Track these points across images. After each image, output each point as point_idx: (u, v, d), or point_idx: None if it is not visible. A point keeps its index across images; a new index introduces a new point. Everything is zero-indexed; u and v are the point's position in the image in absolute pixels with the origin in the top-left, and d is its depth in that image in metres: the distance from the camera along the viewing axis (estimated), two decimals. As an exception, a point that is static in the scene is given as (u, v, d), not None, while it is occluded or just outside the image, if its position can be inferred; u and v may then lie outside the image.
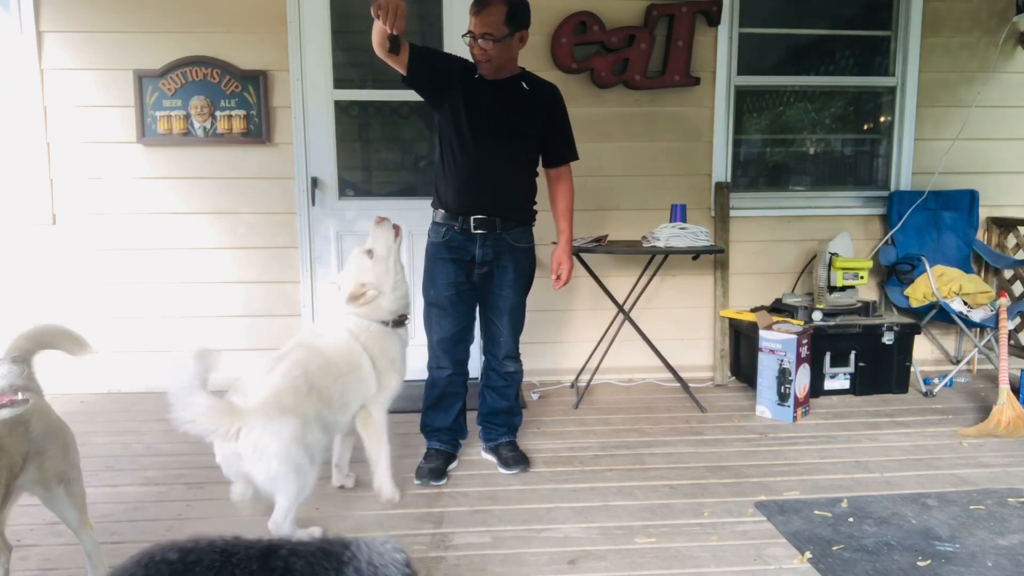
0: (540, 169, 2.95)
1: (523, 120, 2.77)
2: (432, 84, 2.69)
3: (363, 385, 2.54)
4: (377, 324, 2.60)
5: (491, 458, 2.99)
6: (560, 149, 2.90)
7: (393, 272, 2.63)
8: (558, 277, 2.93)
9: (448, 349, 2.85)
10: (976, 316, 3.90)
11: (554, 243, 3.98)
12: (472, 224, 2.75)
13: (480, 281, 2.84)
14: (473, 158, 2.73)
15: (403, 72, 2.64)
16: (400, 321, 2.67)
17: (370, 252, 2.62)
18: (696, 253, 3.71)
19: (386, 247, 2.63)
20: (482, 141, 2.72)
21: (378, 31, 2.53)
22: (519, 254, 2.86)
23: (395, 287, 2.63)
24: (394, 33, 2.43)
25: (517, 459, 2.92)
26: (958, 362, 4.21)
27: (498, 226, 2.78)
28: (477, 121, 2.71)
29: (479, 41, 2.61)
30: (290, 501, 2.19)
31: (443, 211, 2.80)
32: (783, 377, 3.50)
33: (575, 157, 2.96)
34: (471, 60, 2.73)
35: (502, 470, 2.91)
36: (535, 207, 2.94)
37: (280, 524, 2.19)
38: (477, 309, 2.93)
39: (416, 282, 4.03)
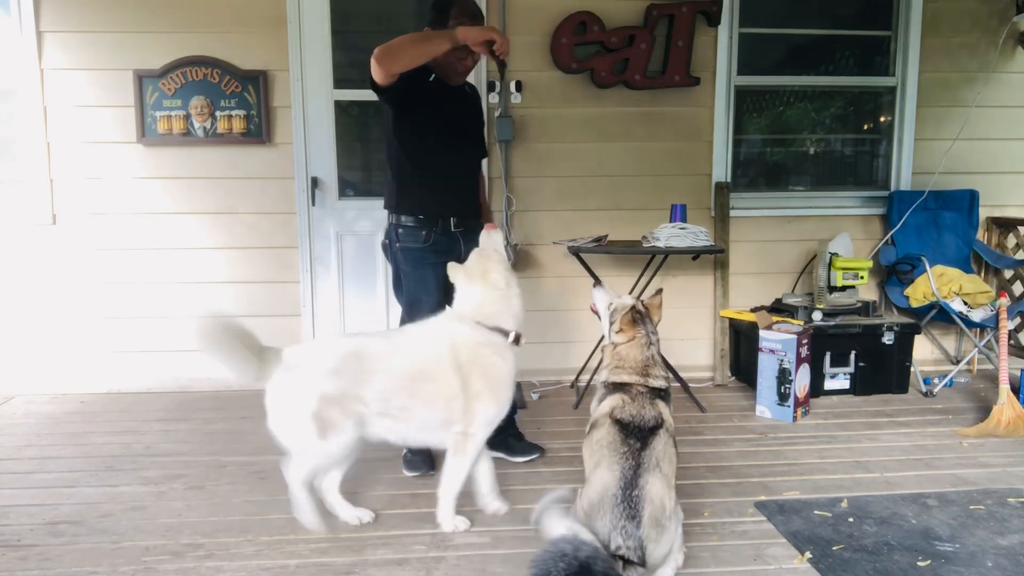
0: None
1: (476, 121, 3.01)
2: (404, 93, 2.68)
3: (437, 403, 2.37)
4: (498, 336, 2.43)
5: (499, 454, 2.96)
6: (484, 145, 3.13)
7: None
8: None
9: None
10: (976, 316, 3.90)
11: (555, 243, 4.00)
12: (452, 224, 2.84)
13: None
14: (446, 161, 2.83)
15: (390, 82, 2.57)
16: (517, 339, 2.50)
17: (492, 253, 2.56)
18: (696, 253, 3.71)
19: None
20: (452, 144, 2.84)
21: (424, 46, 2.52)
22: None
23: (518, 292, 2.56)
24: (504, 60, 2.62)
25: (525, 448, 2.98)
26: (958, 362, 4.20)
27: (471, 223, 2.90)
28: (447, 126, 2.82)
29: (473, 55, 2.70)
30: (295, 461, 2.32)
31: (416, 216, 2.81)
32: (783, 377, 3.50)
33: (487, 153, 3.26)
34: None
35: (516, 458, 2.96)
36: None
37: (289, 479, 2.35)
38: None
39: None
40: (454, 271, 2.52)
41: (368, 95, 4.03)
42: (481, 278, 2.47)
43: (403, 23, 4.20)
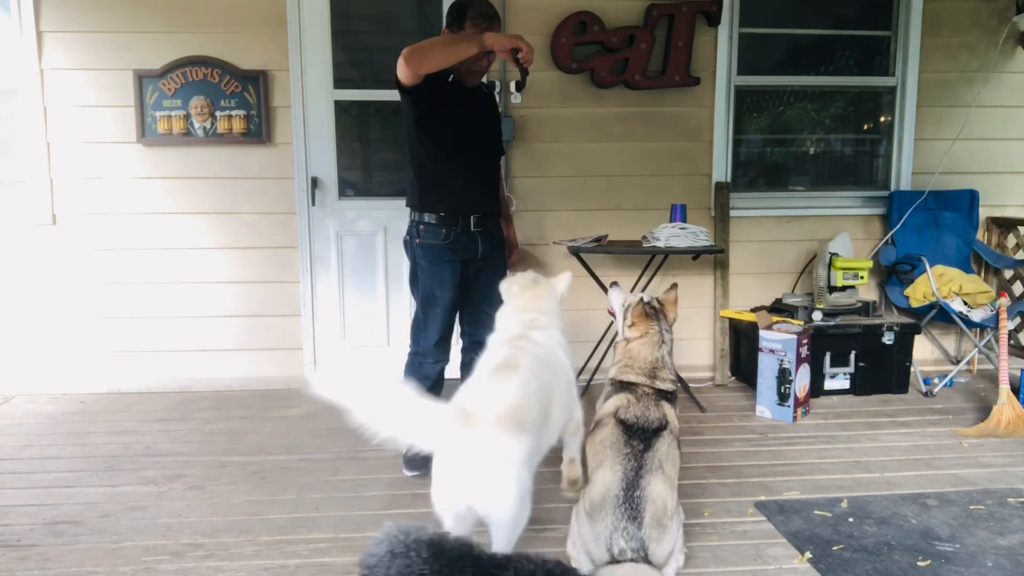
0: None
1: (494, 121, 3.07)
2: (430, 92, 2.71)
3: (569, 405, 2.27)
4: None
5: None
6: (502, 144, 3.20)
7: None
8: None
9: (445, 346, 2.94)
10: (976, 316, 3.90)
11: (555, 243, 3.98)
12: (473, 223, 2.87)
13: (474, 275, 2.93)
14: (467, 160, 2.86)
15: (416, 82, 2.60)
16: None
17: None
18: (696, 253, 3.71)
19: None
20: (472, 144, 2.87)
21: (453, 49, 2.53)
22: (500, 245, 3.04)
23: None
24: (527, 69, 2.61)
25: None
26: (958, 362, 4.20)
27: (489, 222, 2.95)
28: (467, 126, 2.85)
29: (488, 56, 2.73)
30: (515, 534, 1.87)
31: (438, 214, 2.84)
32: (783, 377, 3.50)
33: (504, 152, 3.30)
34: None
35: None
36: None
37: None
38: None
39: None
40: (520, 289, 2.51)
41: (368, 95, 4.12)
42: (549, 289, 2.52)
43: (403, 23, 4.20)
